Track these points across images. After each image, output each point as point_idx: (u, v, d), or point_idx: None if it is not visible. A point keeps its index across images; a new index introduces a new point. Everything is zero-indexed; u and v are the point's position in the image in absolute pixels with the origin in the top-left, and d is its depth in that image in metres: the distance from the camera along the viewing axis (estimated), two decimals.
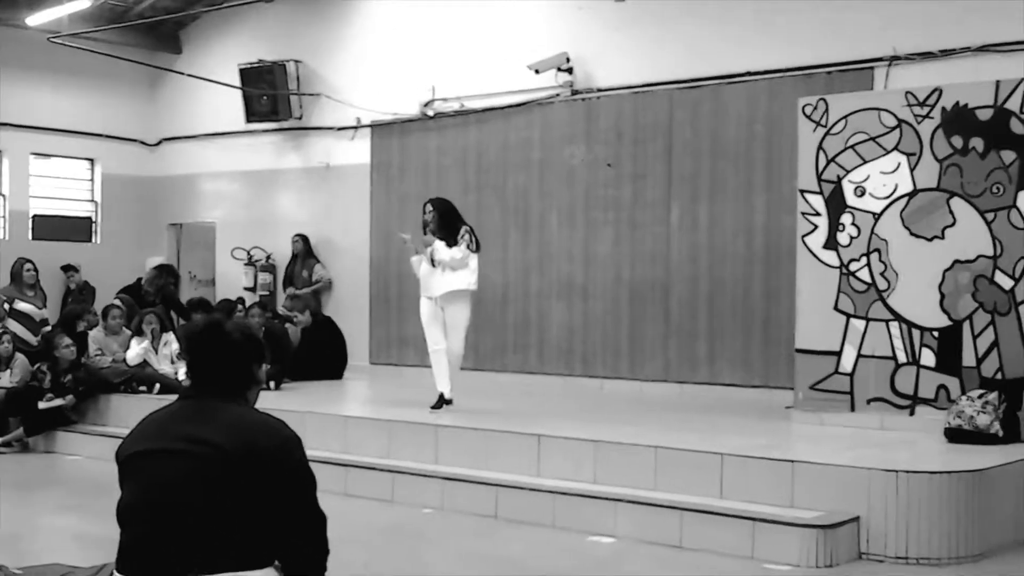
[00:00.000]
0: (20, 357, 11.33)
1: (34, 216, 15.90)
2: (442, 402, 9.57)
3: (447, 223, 9.51)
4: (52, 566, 4.54)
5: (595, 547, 7.01)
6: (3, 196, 15.69)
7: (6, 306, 12.18)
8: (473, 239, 9.51)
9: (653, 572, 6.56)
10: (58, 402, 10.92)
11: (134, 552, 3.38)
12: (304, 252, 14.86)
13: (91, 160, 16.66)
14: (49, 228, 15.93)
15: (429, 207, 9.63)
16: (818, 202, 9.03)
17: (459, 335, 9.61)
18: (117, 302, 12.35)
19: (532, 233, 13.05)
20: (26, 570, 4.21)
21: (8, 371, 11.20)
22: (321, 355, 12.70)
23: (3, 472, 9.93)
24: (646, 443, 7.69)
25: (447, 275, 9.43)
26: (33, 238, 15.65)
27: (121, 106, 16.69)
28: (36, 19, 13.84)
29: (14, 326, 12.03)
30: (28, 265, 12.64)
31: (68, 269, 15.29)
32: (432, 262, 9.45)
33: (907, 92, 8.80)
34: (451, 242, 9.42)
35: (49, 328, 12.32)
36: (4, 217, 15.66)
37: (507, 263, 13.21)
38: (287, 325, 13.09)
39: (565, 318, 12.74)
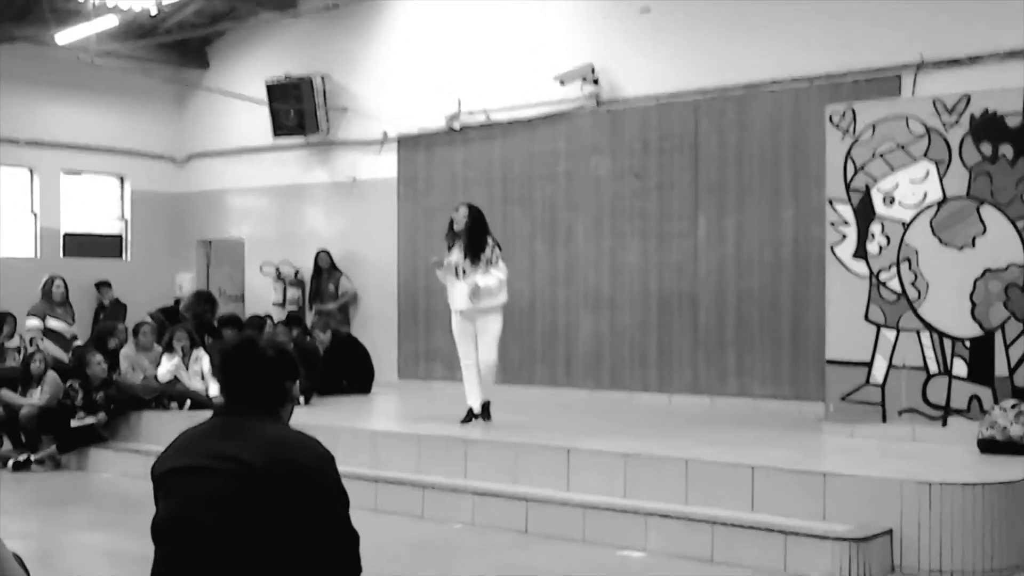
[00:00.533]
0: (51, 374, 11.41)
1: (65, 234, 16.02)
2: (471, 416, 9.57)
3: (476, 230, 9.44)
4: None
5: (626, 561, 6.99)
6: (34, 215, 15.82)
7: (39, 323, 12.28)
8: (498, 252, 9.47)
9: None
10: (90, 420, 11.00)
11: (168, 569, 3.40)
12: (329, 266, 14.90)
13: (121, 177, 16.78)
14: (80, 246, 16.06)
15: (464, 210, 9.52)
16: (847, 211, 8.98)
17: (490, 345, 9.55)
18: (148, 319, 12.42)
19: (559, 244, 13.04)
20: None
21: (39, 388, 11.28)
22: (345, 371, 12.69)
23: (35, 490, 10.01)
24: (676, 456, 7.66)
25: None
26: (64, 256, 15.77)
27: (149, 123, 16.81)
28: (64, 37, 13.95)
29: (46, 344, 12.13)
30: (58, 282, 12.73)
31: (101, 285, 15.39)
32: (458, 273, 9.43)
33: (935, 100, 8.74)
34: (475, 250, 9.36)
35: (80, 345, 12.40)
36: (36, 235, 15.79)
37: (534, 275, 13.20)
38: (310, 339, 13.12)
39: (593, 330, 12.71)
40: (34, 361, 11.45)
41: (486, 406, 9.66)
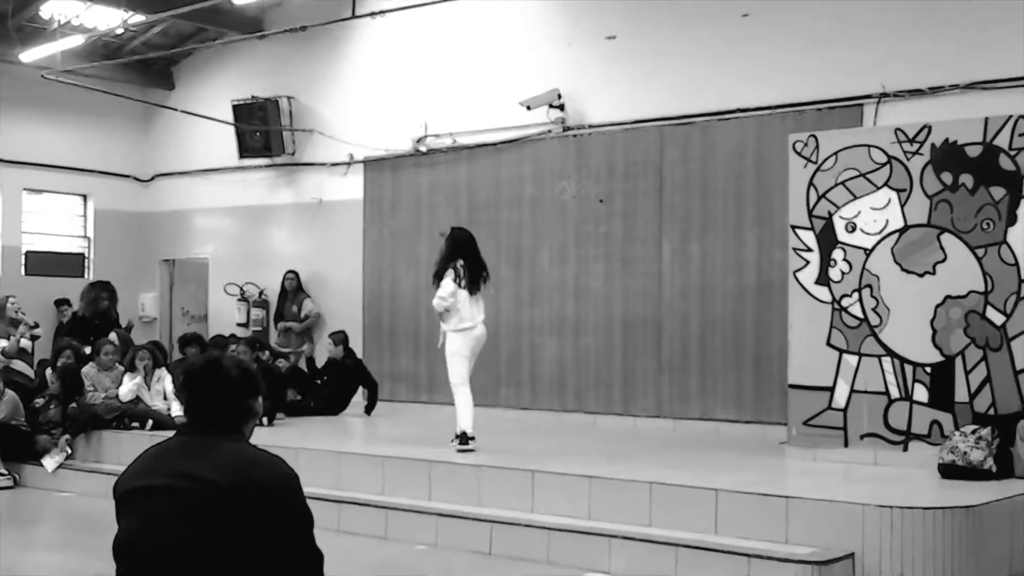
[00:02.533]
0: (10, 393, 11.32)
1: (27, 252, 15.89)
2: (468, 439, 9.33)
3: (448, 254, 9.51)
4: None
5: None
6: None
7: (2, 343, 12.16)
8: (460, 276, 9.39)
9: None
10: (59, 458, 10.91)
11: None
12: (295, 288, 14.87)
13: (84, 196, 16.68)
14: (42, 264, 15.93)
15: (447, 232, 9.73)
16: (809, 238, 9.07)
17: (448, 368, 9.64)
18: (112, 338, 12.34)
19: (524, 268, 13.08)
20: None
21: None
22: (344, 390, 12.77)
23: None
24: (640, 479, 7.69)
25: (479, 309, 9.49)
26: (26, 274, 15.64)
27: (114, 142, 16.74)
28: (30, 55, 13.89)
29: (17, 363, 12.02)
30: (12, 299, 12.61)
31: (61, 303, 15.26)
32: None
33: (897, 129, 8.87)
34: (436, 276, 9.44)
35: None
36: None
37: (499, 298, 13.18)
38: (279, 361, 13.07)
39: (557, 353, 12.75)
40: None
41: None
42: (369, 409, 12.82)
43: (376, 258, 14.30)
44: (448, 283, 9.34)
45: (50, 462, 10.91)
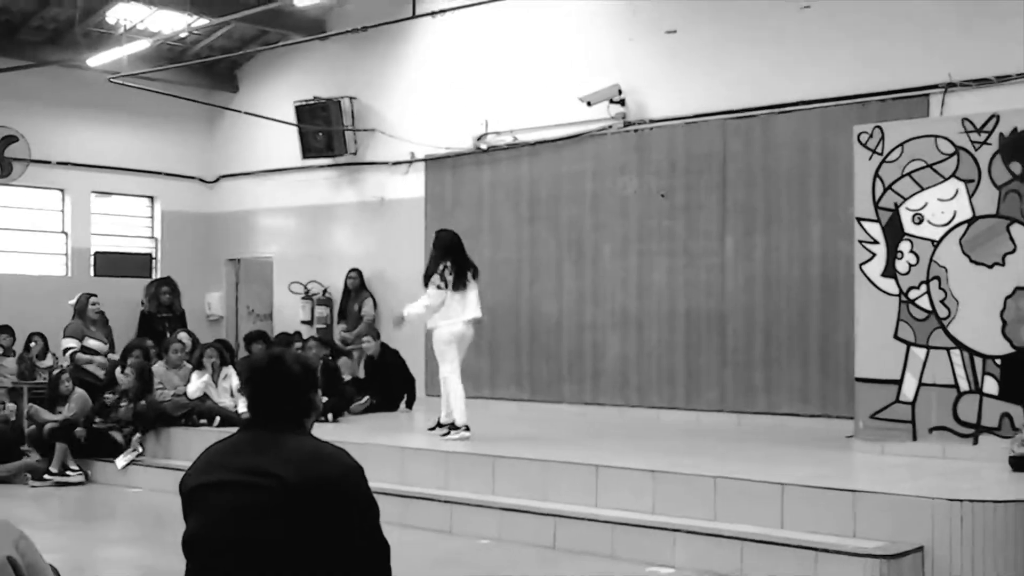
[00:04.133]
0: (79, 391, 11.56)
1: (95, 253, 16.17)
2: (453, 428, 9.86)
3: (437, 255, 10.00)
4: None
5: None
6: (65, 234, 15.98)
7: (76, 344, 12.37)
8: (444, 278, 9.82)
9: None
10: (132, 455, 11.10)
11: None
12: (357, 286, 14.97)
13: (151, 197, 16.94)
14: (111, 265, 16.19)
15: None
16: (876, 230, 8.97)
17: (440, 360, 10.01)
18: (182, 336, 12.53)
19: (586, 264, 13.07)
20: None
21: (67, 406, 11.46)
22: (395, 385, 12.91)
23: (68, 504, 10.09)
24: (705, 473, 7.65)
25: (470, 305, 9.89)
26: (95, 275, 15.91)
27: (180, 144, 16.98)
28: (97, 60, 14.11)
29: (90, 364, 12.26)
30: (94, 300, 12.82)
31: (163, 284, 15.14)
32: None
33: (964, 119, 8.73)
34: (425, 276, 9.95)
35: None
36: (66, 255, 15.95)
37: (561, 294, 13.24)
38: (344, 359, 13.21)
39: (620, 349, 12.72)
40: (62, 381, 11.61)
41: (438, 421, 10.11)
42: (410, 404, 12.94)
43: None
44: (432, 291, 9.83)
45: (121, 460, 11.10)
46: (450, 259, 9.85)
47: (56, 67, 14.79)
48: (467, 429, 9.74)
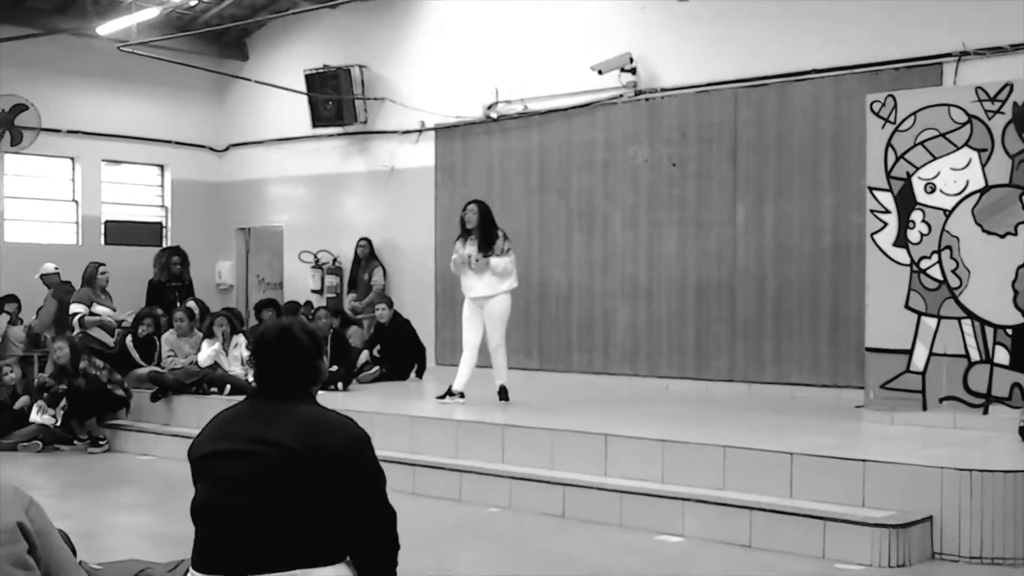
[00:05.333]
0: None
1: (106, 222, 16.18)
2: (451, 393, 10.10)
3: (486, 224, 10.05)
4: (129, 562, 4.62)
5: (663, 547, 6.99)
6: (76, 202, 16.00)
7: (85, 309, 12.36)
8: (507, 243, 10.08)
9: (722, 572, 6.53)
10: (46, 419, 11.13)
11: (210, 550, 3.45)
12: (367, 255, 14.96)
13: (161, 166, 16.94)
14: (121, 233, 16.21)
15: (473, 207, 10.18)
16: (887, 199, 8.92)
17: (497, 328, 10.07)
18: (191, 305, 12.55)
19: (596, 234, 13.04)
20: (105, 566, 4.29)
21: None
22: (404, 354, 12.91)
23: (78, 471, 10.14)
24: (714, 443, 7.65)
25: (488, 278, 9.96)
26: (106, 243, 15.93)
27: (190, 113, 16.96)
28: (106, 28, 14.09)
29: (96, 331, 12.26)
30: (103, 268, 12.83)
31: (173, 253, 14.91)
32: (471, 263, 9.96)
33: (977, 88, 8.66)
34: (487, 242, 9.98)
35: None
36: (77, 223, 15.97)
37: (571, 264, 13.22)
38: (354, 327, 13.24)
39: (630, 318, 12.72)
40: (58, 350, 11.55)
41: (503, 389, 10.16)
42: (420, 373, 12.98)
43: (448, 225, 14.28)
44: (512, 256, 10.10)
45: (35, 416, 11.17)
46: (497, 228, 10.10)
47: (66, 36, 14.79)
48: (462, 396, 10.10)
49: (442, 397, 10.18)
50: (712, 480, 7.44)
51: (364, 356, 12.67)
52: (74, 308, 12.41)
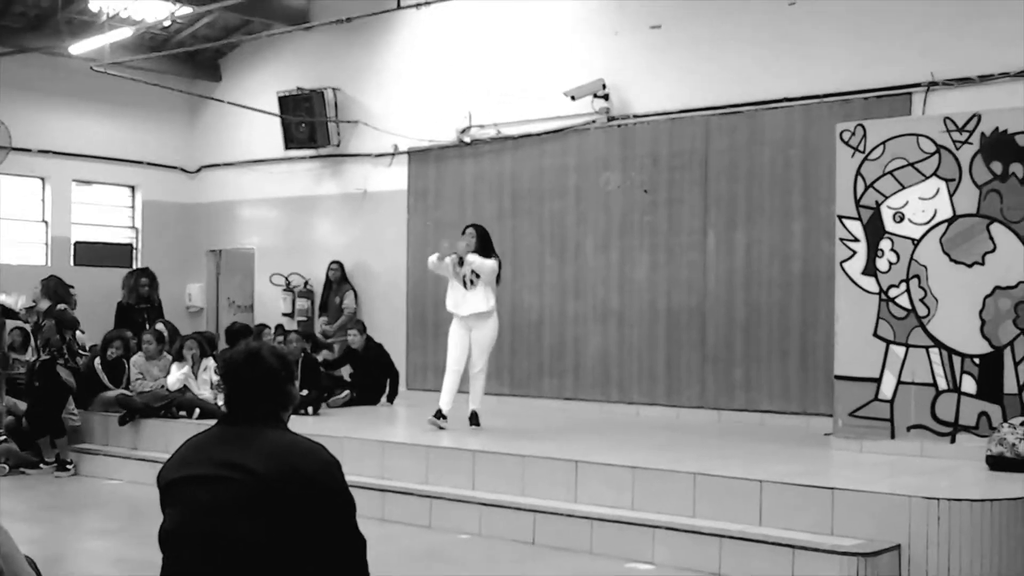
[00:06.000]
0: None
1: (76, 243, 16.08)
2: (441, 415, 10.00)
3: (484, 247, 10.05)
4: None
5: (633, 574, 6.99)
6: (45, 223, 15.89)
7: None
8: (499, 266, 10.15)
9: None
10: None
11: None
12: (339, 278, 14.93)
13: (132, 187, 16.86)
14: (90, 254, 16.10)
15: (471, 230, 10.16)
16: (856, 228, 8.99)
17: (483, 353, 10.08)
18: (160, 327, 12.48)
19: (568, 259, 13.07)
20: None
21: None
22: (376, 379, 12.87)
23: (44, 495, 10.04)
24: (685, 470, 7.66)
25: (476, 293, 9.93)
26: (75, 264, 15.83)
27: (162, 134, 16.90)
28: (79, 48, 14.03)
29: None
30: (71, 290, 12.70)
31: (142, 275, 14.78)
32: (460, 262, 9.94)
33: (946, 118, 8.76)
34: (484, 252, 10.02)
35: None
36: (46, 244, 15.86)
37: (543, 288, 13.24)
38: (325, 351, 13.22)
39: (601, 343, 12.74)
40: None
41: (475, 415, 10.12)
42: (391, 397, 12.92)
43: (420, 248, 14.29)
44: (494, 263, 10.06)
45: None
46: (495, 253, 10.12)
47: (38, 54, 14.70)
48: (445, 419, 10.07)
49: (437, 418, 10.00)
50: (682, 507, 7.44)
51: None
52: None
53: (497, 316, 10.14)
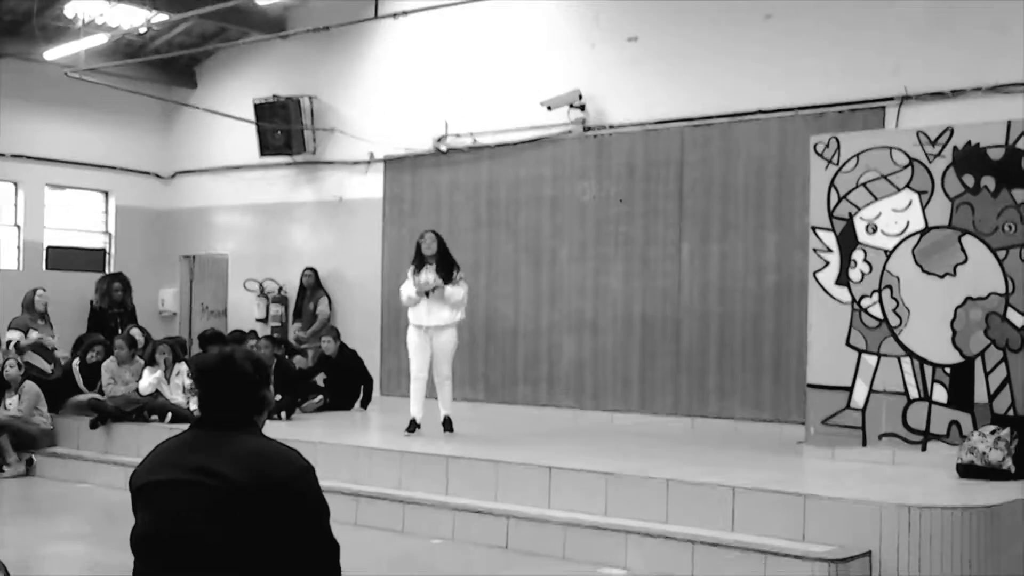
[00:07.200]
0: (29, 384, 11.40)
1: (48, 247, 15.99)
2: (415, 426, 10.02)
3: (444, 255, 10.15)
4: None
5: None
6: (18, 227, 15.80)
7: (20, 335, 12.21)
8: (461, 274, 10.25)
9: None
10: None
11: None
12: (313, 284, 14.91)
13: (106, 192, 16.79)
14: (63, 259, 16.01)
15: (431, 236, 10.23)
16: (830, 239, 9.07)
17: (446, 360, 10.17)
18: (133, 332, 12.43)
19: (543, 268, 13.10)
20: None
21: (16, 396, 11.31)
22: (350, 385, 12.85)
23: (14, 499, 9.97)
24: (658, 476, 7.70)
25: (442, 308, 10.00)
26: (47, 268, 15.74)
27: (136, 139, 16.84)
28: (53, 53, 13.98)
29: (31, 356, 12.10)
30: (40, 292, 12.67)
31: (115, 279, 14.99)
32: (427, 294, 9.98)
33: (919, 131, 8.85)
34: (448, 270, 10.09)
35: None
36: (19, 248, 15.76)
37: (518, 297, 13.27)
38: (298, 357, 13.18)
39: (576, 352, 12.77)
40: (9, 367, 11.42)
41: (448, 420, 10.16)
42: (365, 403, 12.92)
43: (395, 256, 14.32)
44: (465, 287, 10.25)
45: None
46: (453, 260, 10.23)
47: (12, 59, 14.64)
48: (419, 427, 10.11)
49: (410, 431, 10.00)
50: (655, 513, 7.47)
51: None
52: (9, 335, 12.25)
53: (456, 325, 10.21)
